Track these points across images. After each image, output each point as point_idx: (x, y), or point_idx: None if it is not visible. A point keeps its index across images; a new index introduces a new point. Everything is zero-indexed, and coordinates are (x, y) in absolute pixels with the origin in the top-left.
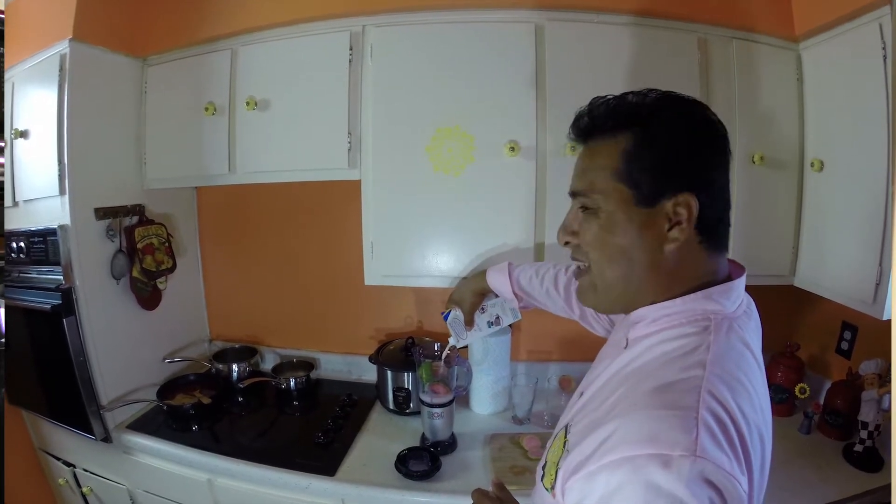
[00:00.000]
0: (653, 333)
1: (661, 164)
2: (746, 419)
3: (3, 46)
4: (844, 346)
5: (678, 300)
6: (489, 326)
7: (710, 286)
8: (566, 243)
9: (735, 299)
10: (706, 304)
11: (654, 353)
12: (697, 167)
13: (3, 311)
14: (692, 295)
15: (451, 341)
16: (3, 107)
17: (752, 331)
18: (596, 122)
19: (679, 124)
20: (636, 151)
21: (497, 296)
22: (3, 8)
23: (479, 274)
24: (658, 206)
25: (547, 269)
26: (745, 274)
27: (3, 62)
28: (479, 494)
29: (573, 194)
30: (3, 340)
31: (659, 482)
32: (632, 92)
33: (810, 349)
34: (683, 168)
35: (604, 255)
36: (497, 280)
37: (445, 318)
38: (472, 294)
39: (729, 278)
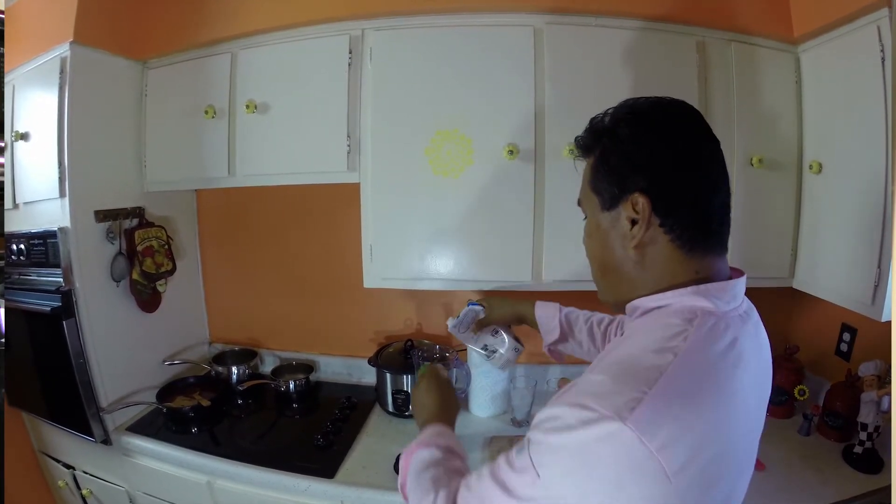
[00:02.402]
0: (642, 324)
1: (615, 170)
2: (704, 413)
3: (2, 46)
4: (844, 347)
5: (668, 293)
6: (482, 349)
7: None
8: None
9: (729, 300)
10: (696, 300)
11: (638, 340)
12: (648, 170)
13: (2, 311)
14: (683, 289)
15: (451, 322)
16: (3, 107)
17: (747, 334)
18: (582, 142)
19: (630, 134)
20: (598, 164)
21: (518, 343)
22: (3, 8)
23: (528, 302)
24: (617, 209)
25: (593, 313)
26: (744, 277)
27: (2, 62)
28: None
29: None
30: (2, 340)
31: (582, 430)
32: (604, 112)
33: (809, 351)
34: (634, 172)
35: (589, 255)
36: (545, 309)
37: (471, 304)
38: (509, 314)
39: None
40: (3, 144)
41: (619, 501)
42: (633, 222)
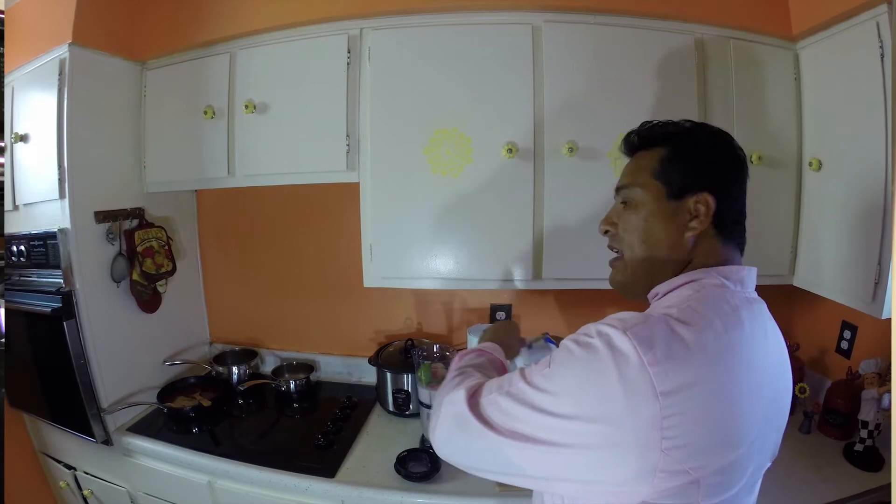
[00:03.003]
0: (659, 302)
1: (690, 168)
2: (693, 349)
3: (2, 46)
4: (844, 345)
5: (685, 274)
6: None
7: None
8: (605, 232)
9: (736, 282)
10: (707, 277)
11: (655, 311)
12: (718, 176)
13: (2, 311)
14: (698, 271)
15: (524, 352)
16: (3, 107)
17: (751, 312)
18: (642, 138)
19: (707, 142)
20: (671, 157)
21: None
22: (3, 8)
23: None
24: (683, 200)
25: None
26: (754, 269)
27: (2, 62)
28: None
29: (618, 189)
30: (2, 340)
31: (596, 338)
32: (671, 120)
33: (810, 349)
34: (707, 174)
35: (637, 236)
36: None
37: (547, 339)
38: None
39: None
40: (3, 145)
41: (606, 408)
42: (693, 215)
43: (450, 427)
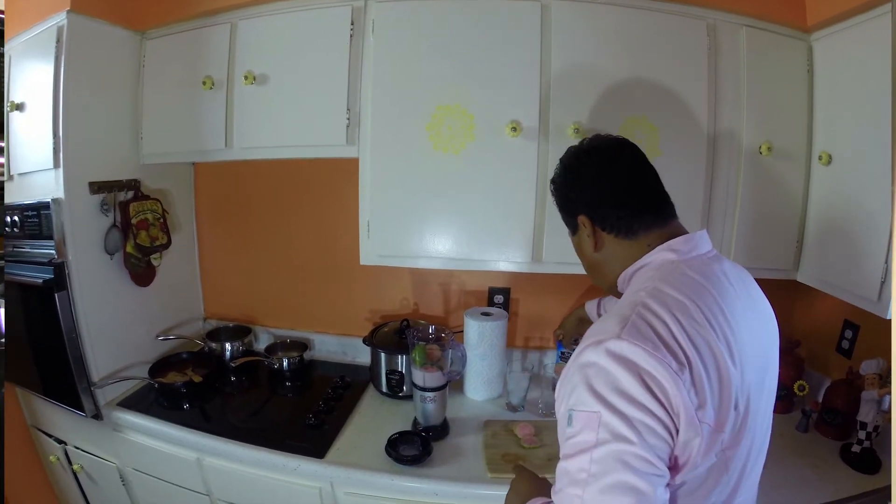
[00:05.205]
0: (629, 288)
1: (562, 209)
2: (681, 325)
3: (3, 46)
4: (845, 344)
5: (642, 259)
6: None
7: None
8: None
9: (690, 249)
10: (663, 255)
11: (624, 297)
12: (577, 199)
13: (3, 311)
14: (652, 252)
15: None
16: (4, 106)
17: (713, 272)
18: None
19: (562, 182)
20: (557, 206)
21: None
22: (3, 7)
23: (582, 306)
24: (577, 232)
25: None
26: (702, 231)
27: (3, 62)
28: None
29: None
30: (2, 341)
31: (588, 358)
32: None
33: (810, 346)
34: (573, 203)
35: (580, 261)
36: (589, 304)
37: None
38: (574, 321)
39: None
40: (2, 145)
41: (637, 401)
42: (588, 236)
43: None
